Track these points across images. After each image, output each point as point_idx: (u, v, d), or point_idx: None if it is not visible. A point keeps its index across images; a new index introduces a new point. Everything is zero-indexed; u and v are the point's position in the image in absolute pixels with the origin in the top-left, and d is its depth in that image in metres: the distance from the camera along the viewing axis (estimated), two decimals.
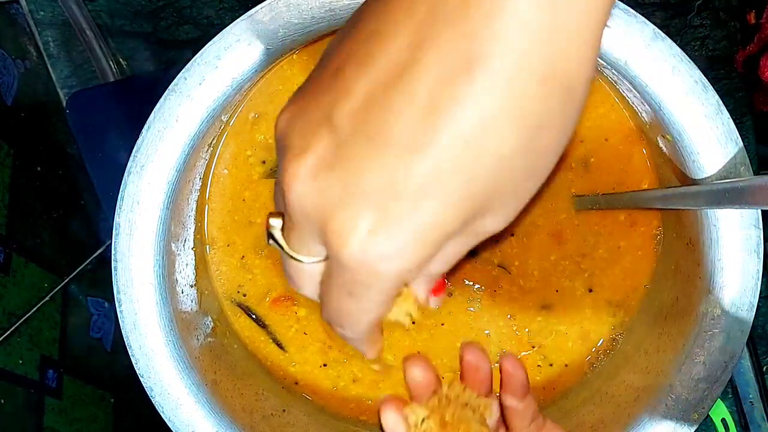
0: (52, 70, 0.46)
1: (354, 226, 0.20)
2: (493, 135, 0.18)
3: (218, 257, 0.36)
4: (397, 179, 0.19)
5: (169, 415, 0.33)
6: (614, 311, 0.36)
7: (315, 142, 0.20)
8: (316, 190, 0.20)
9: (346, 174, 0.19)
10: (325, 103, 0.20)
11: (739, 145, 0.30)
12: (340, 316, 0.23)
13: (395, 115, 0.18)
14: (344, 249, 0.20)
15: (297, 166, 0.20)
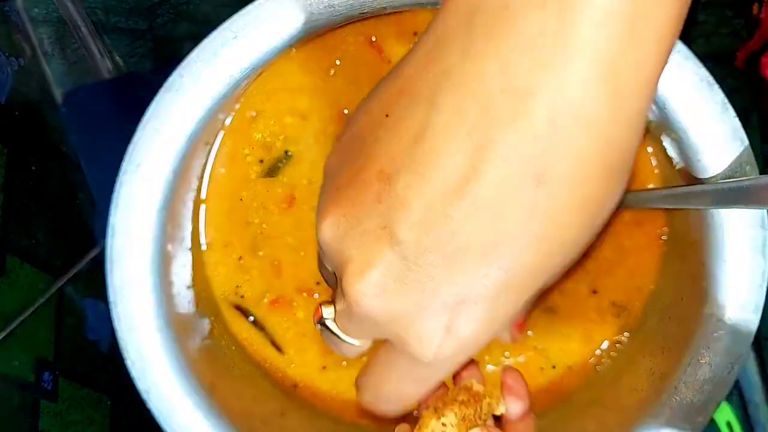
0: (47, 68, 0.45)
1: (435, 332, 0.20)
2: (560, 230, 0.18)
3: (215, 258, 0.36)
4: (475, 286, 0.19)
5: (165, 418, 0.32)
6: (618, 312, 0.36)
7: (379, 257, 0.19)
8: (387, 304, 0.20)
9: (421, 287, 0.19)
10: (380, 213, 0.19)
11: (744, 144, 0.30)
12: (395, 397, 0.23)
13: (462, 226, 0.18)
14: (425, 352, 0.20)
15: (365, 284, 0.20)
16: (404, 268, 0.19)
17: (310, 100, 0.35)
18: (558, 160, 0.17)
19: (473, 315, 0.20)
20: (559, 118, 0.17)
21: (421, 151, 0.18)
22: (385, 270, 0.19)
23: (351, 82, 0.34)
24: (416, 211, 0.19)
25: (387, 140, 0.19)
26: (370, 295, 0.20)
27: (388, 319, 0.20)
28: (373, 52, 0.34)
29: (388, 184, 0.19)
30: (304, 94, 0.35)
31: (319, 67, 0.34)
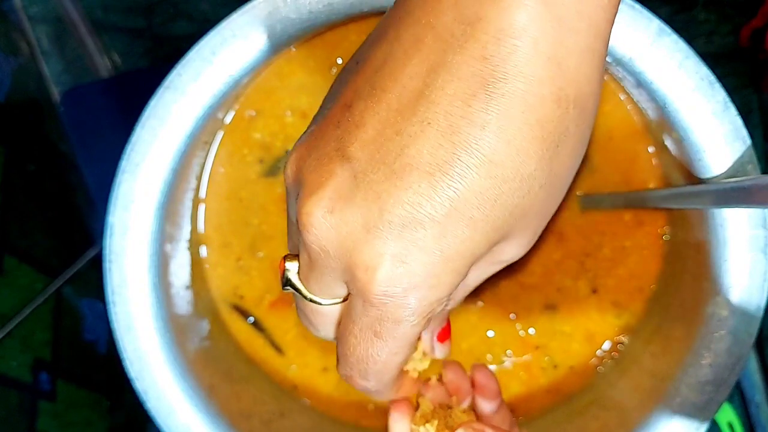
0: (45, 67, 0.45)
1: (380, 258, 0.19)
2: (515, 155, 0.18)
3: (214, 258, 0.36)
4: (421, 205, 0.19)
5: (163, 419, 0.32)
6: (619, 312, 0.36)
7: (329, 176, 0.19)
8: (335, 225, 0.19)
9: (367, 205, 0.19)
10: (336, 137, 0.19)
11: (746, 144, 0.30)
12: (365, 364, 0.22)
13: (413, 140, 0.18)
14: (371, 283, 0.19)
15: (313, 203, 0.19)
16: (353, 186, 0.19)
17: (311, 99, 0.34)
18: (508, 78, 0.18)
19: (421, 242, 0.19)
20: (505, 39, 0.18)
21: (379, 78, 0.19)
22: (334, 188, 0.19)
23: None
24: (369, 129, 0.19)
25: (352, 79, 0.20)
26: (319, 214, 0.19)
27: (336, 246, 0.20)
28: None
29: (348, 111, 0.20)
30: (305, 92, 0.34)
31: (320, 65, 0.34)
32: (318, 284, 0.21)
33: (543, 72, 0.18)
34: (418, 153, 0.18)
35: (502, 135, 0.18)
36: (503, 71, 0.18)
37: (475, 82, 0.18)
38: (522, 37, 0.18)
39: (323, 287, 0.21)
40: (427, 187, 0.18)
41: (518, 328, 0.36)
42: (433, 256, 0.19)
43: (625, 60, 0.30)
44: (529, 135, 0.18)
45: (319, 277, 0.21)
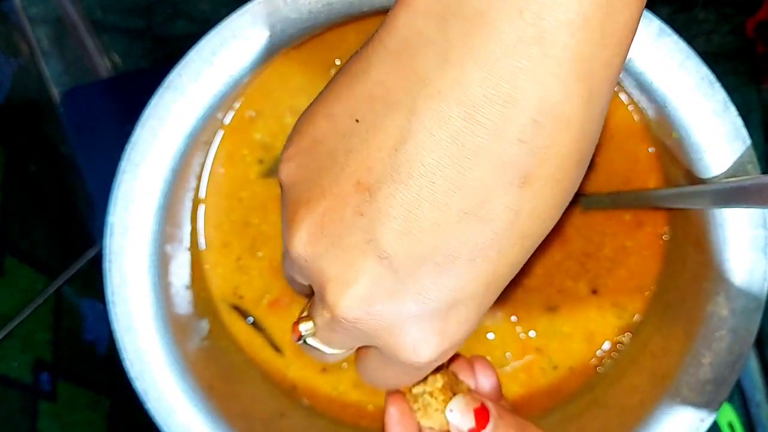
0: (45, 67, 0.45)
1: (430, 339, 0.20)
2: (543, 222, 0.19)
3: (214, 258, 0.36)
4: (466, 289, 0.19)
5: (163, 419, 0.32)
6: (620, 313, 0.36)
7: (365, 271, 0.19)
8: (376, 316, 0.20)
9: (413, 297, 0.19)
10: (362, 227, 0.19)
11: (746, 143, 0.30)
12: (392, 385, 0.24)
13: (453, 232, 0.18)
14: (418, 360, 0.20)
15: (352, 298, 0.19)
16: (395, 281, 0.19)
17: (311, 100, 0.34)
18: (542, 160, 0.18)
19: (464, 316, 0.20)
20: (542, 120, 0.17)
21: (403, 161, 0.18)
22: (374, 284, 0.19)
23: None
24: (402, 222, 0.18)
25: (362, 150, 0.19)
26: (358, 309, 0.19)
27: (378, 331, 0.20)
28: None
29: (368, 196, 0.18)
30: (304, 93, 0.34)
31: (320, 66, 0.34)
32: (341, 344, 0.22)
33: (574, 147, 0.18)
34: (459, 244, 0.18)
35: (534, 216, 0.18)
36: (538, 155, 0.17)
37: (510, 168, 0.17)
38: (558, 117, 0.17)
39: (347, 345, 0.22)
40: (472, 273, 0.19)
41: (519, 330, 0.36)
42: (472, 322, 0.20)
43: (625, 60, 0.29)
44: (555, 209, 0.19)
45: (344, 341, 0.22)
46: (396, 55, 0.18)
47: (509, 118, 0.17)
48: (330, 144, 0.19)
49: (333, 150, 0.19)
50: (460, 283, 0.19)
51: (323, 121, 0.20)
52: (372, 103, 0.19)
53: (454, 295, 0.19)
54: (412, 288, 0.19)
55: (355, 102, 0.19)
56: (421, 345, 0.20)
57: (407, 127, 0.18)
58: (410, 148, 0.18)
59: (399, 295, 0.19)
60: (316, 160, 0.20)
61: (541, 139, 0.17)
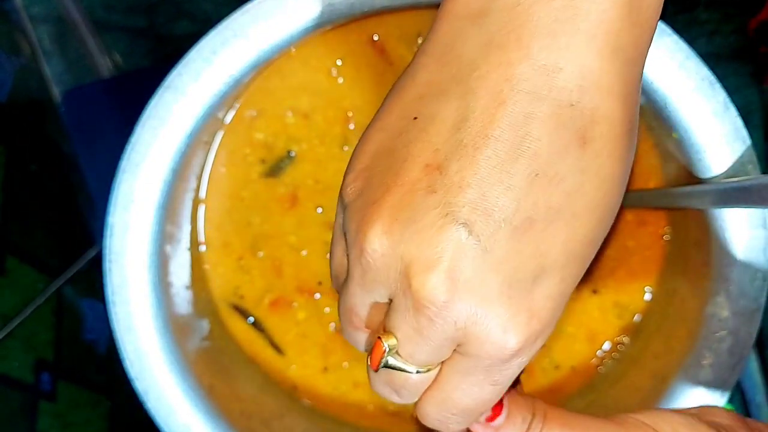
0: (47, 67, 0.45)
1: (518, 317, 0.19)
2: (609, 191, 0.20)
3: (214, 258, 0.36)
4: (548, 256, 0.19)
5: (163, 419, 0.32)
6: (621, 313, 0.36)
7: (447, 245, 0.19)
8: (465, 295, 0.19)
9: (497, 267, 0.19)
10: (437, 202, 0.19)
11: (746, 144, 0.30)
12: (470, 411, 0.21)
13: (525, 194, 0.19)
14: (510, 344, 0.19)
15: (439, 277, 0.19)
16: (479, 251, 0.19)
17: (312, 99, 0.34)
18: (593, 121, 0.19)
19: (548, 290, 0.20)
20: (587, 86, 0.19)
21: (467, 135, 0.19)
22: (458, 257, 0.19)
23: (353, 82, 0.34)
24: (475, 189, 0.19)
25: (423, 138, 0.19)
26: (444, 287, 0.19)
27: (466, 315, 0.19)
28: (376, 52, 0.34)
29: (439, 174, 0.19)
30: (305, 92, 0.34)
31: (321, 66, 0.34)
32: (427, 354, 0.20)
33: (620, 112, 0.19)
34: (534, 205, 0.19)
35: (600, 176, 0.19)
36: (589, 116, 0.19)
37: (567, 128, 0.19)
38: (599, 85, 0.19)
39: (432, 354, 0.20)
40: (551, 237, 0.19)
41: None
42: (559, 299, 0.20)
43: None
44: (618, 171, 0.20)
45: (431, 347, 0.20)
46: (439, 56, 0.20)
47: (556, 83, 0.19)
48: (389, 147, 0.20)
49: (392, 150, 0.20)
50: (542, 247, 0.19)
51: (378, 134, 0.21)
52: (423, 100, 0.20)
53: (538, 262, 0.19)
54: (495, 255, 0.19)
55: (405, 106, 0.20)
56: (510, 326, 0.19)
57: (465, 106, 0.19)
58: (471, 124, 0.19)
59: (483, 264, 0.19)
60: (378, 167, 0.20)
61: (589, 100, 0.19)
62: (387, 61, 0.34)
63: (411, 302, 0.19)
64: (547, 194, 0.19)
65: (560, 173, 0.19)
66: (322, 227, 0.35)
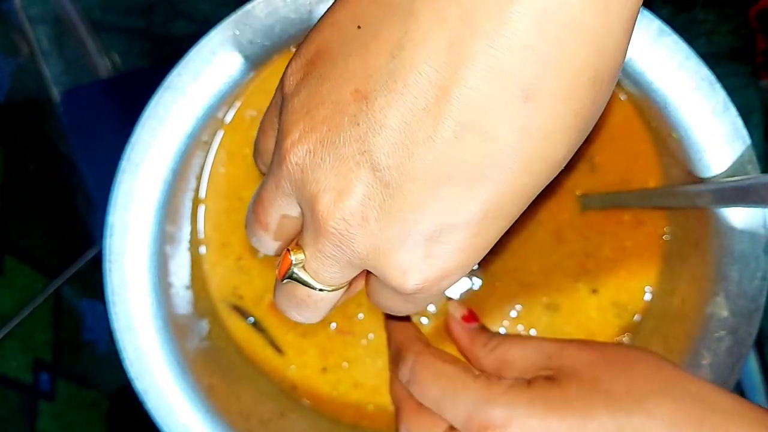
0: (45, 67, 0.45)
1: (416, 263, 0.19)
2: (551, 148, 0.17)
3: (214, 258, 0.36)
4: (460, 213, 0.18)
5: (163, 419, 0.32)
6: (620, 312, 0.36)
7: (359, 183, 0.18)
8: (370, 233, 0.19)
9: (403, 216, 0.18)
10: (357, 137, 0.18)
11: (746, 143, 0.30)
12: (389, 309, 0.23)
13: (449, 147, 0.17)
14: (406, 286, 0.19)
15: (347, 210, 0.18)
16: (387, 196, 0.18)
17: None
18: (547, 72, 0.16)
19: (458, 243, 0.18)
20: (548, 25, 0.15)
21: (399, 66, 0.17)
22: (367, 197, 0.18)
23: None
24: (396, 133, 0.17)
25: (361, 56, 0.18)
26: (349, 220, 0.18)
27: (367, 252, 0.19)
28: None
29: (365, 104, 0.17)
30: None
31: None
32: (331, 274, 0.20)
33: (584, 61, 0.16)
34: (455, 160, 0.17)
35: (542, 133, 0.17)
36: (542, 65, 0.16)
37: (510, 77, 0.16)
38: (567, 23, 0.15)
39: (336, 276, 0.20)
40: (467, 195, 0.18)
41: (520, 329, 0.36)
42: (467, 252, 0.19)
43: (625, 60, 0.30)
44: (567, 125, 0.17)
45: (334, 269, 0.20)
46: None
47: (510, 19, 0.15)
48: (332, 52, 0.19)
49: (334, 57, 0.18)
50: (455, 204, 0.18)
51: (327, 29, 0.19)
52: (374, 6, 0.18)
53: (449, 218, 0.18)
54: (402, 204, 0.18)
55: (357, 6, 0.18)
56: (410, 270, 0.19)
57: (404, 30, 0.17)
58: (406, 54, 0.17)
59: (389, 211, 0.18)
60: (318, 67, 0.19)
61: (547, 46, 0.16)
62: None
63: (316, 224, 0.19)
64: (473, 151, 0.17)
65: (493, 129, 0.17)
66: None
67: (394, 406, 0.30)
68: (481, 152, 0.17)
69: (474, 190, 0.18)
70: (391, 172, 0.18)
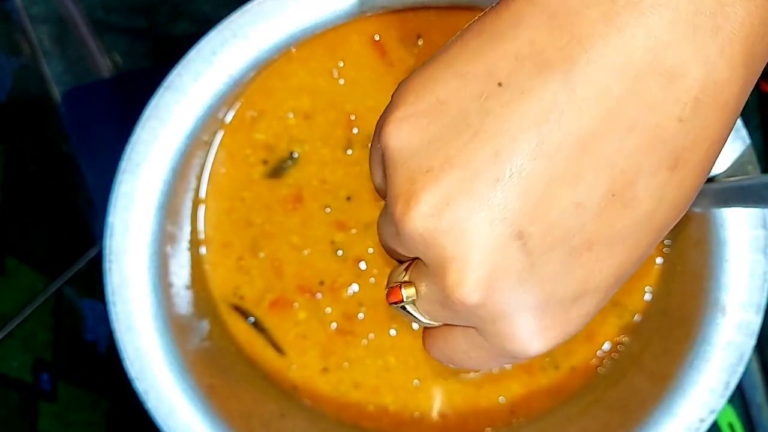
0: (47, 67, 0.45)
1: (545, 335, 0.19)
2: (678, 211, 0.18)
3: (214, 258, 0.36)
4: (594, 281, 0.18)
5: (163, 419, 0.32)
6: (620, 313, 0.36)
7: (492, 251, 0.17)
8: (499, 302, 0.18)
9: (541, 285, 0.18)
10: (497, 202, 0.17)
11: (746, 143, 0.30)
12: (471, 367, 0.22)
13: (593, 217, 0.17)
14: (529, 352, 0.19)
15: (474, 283, 0.17)
16: (526, 264, 0.17)
17: (313, 100, 0.34)
18: (696, 143, 0.16)
19: (585, 309, 0.19)
20: (705, 100, 0.16)
21: (553, 131, 0.16)
22: (503, 266, 0.17)
23: (355, 84, 0.34)
24: (544, 200, 0.16)
25: (504, 115, 0.16)
26: (480, 294, 0.17)
27: (493, 318, 0.18)
28: (377, 53, 0.34)
29: (509, 169, 0.16)
30: (306, 93, 0.34)
31: (321, 67, 0.34)
32: (443, 320, 0.20)
33: (725, 132, 0.17)
34: (599, 228, 0.17)
35: (675, 202, 0.17)
36: (693, 138, 0.16)
37: (665, 149, 0.16)
38: (718, 98, 0.16)
39: (443, 321, 0.20)
40: (606, 262, 0.17)
41: None
42: (589, 318, 0.19)
43: None
44: (693, 196, 0.18)
45: (449, 319, 0.20)
46: (551, 15, 0.16)
47: (672, 93, 0.16)
48: (460, 106, 0.17)
49: (464, 113, 0.17)
50: (593, 272, 0.17)
51: (453, 80, 0.17)
52: (519, 63, 0.16)
53: (584, 286, 0.18)
54: (541, 274, 0.17)
55: (496, 60, 0.17)
56: (537, 338, 0.18)
57: (560, 92, 0.16)
58: (562, 118, 0.16)
59: (527, 281, 0.17)
60: (440, 122, 0.17)
61: (700, 119, 0.16)
62: (388, 63, 0.34)
63: (441, 288, 0.18)
64: (616, 219, 0.17)
65: (638, 198, 0.17)
66: (329, 227, 0.35)
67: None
68: (622, 220, 0.17)
69: (611, 257, 0.17)
70: (533, 239, 0.17)
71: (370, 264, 0.35)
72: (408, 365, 0.36)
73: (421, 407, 0.36)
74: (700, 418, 0.32)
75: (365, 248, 0.35)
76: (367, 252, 0.35)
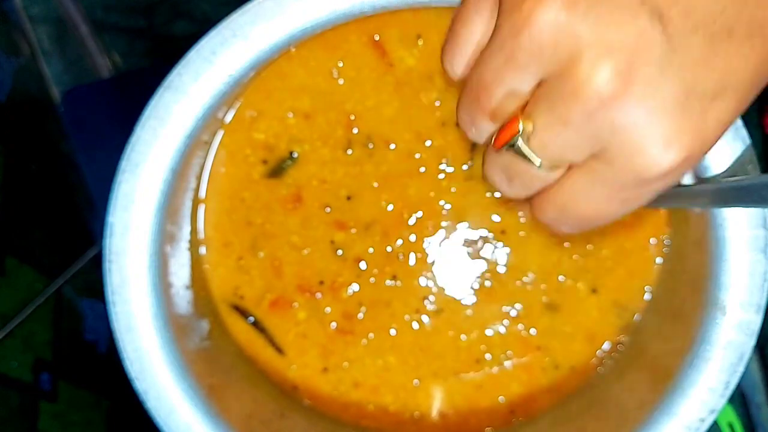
0: (46, 67, 0.45)
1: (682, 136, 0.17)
2: None
3: (214, 258, 0.36)
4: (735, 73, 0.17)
5: (163, 419, 0.32)
6: (620, 312, 0.36)
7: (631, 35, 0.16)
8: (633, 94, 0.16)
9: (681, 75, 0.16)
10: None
11: (746, 143, 0.30)
12: (588, 220, 0.19)
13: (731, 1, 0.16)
14: (664, 161, 0.17)
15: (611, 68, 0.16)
16: (666, 49, 0.16)
17: (313, 100, 0.34)
18: None
19: (723, 114, 0.17)
20: None
21: None
22: (643, 51, 0.16)
23: (354, 84, 0.34)
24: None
25: None
26: (617, 84, 0.16)
27: (629, 119, 0.16)
28: (377, 53, 0.34)
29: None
30: (306, 93, 0.34)
31: (321, 67, 0.34)
32: (559, 149, 0.18)
33: None
34: (738, 14, 0.16)
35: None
36: None
37: None
38: None
39: (564, 153, 0.18)
40: (745, 54, 0.16)
41: (520, 328, 0.36)
42: (726, 127, 0.17)
43: None
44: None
45: (567, 146, 0.18)
46: None
47: None
48: None
49: None
50: (732, 64, 0.16)
51: None
52: None
53: (724, 80, 0.16)
54: (682, 60, 0.16)
55: None
56: (672, 145, 0.17)
57: None
58: None
59: (667, 69, 0.16)
60: None
61: None
62: (388, 63, 0.34)
63: (570, 88, 0.16)
64: (757, 4, 0.16)
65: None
66: (329, 227, 0.35)
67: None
68: (763, 5, 0.16)
69: (751, 49, 0.17)
70: (674, 21, 0.16)
71: (370, 264, 0.35)
72: (408, 365, 0.36)
73: (421, 407, 0.36)
74: (700, 417, 0.32)
75: (365, 248, 0.35)
76: (367, 252, 0.35)
